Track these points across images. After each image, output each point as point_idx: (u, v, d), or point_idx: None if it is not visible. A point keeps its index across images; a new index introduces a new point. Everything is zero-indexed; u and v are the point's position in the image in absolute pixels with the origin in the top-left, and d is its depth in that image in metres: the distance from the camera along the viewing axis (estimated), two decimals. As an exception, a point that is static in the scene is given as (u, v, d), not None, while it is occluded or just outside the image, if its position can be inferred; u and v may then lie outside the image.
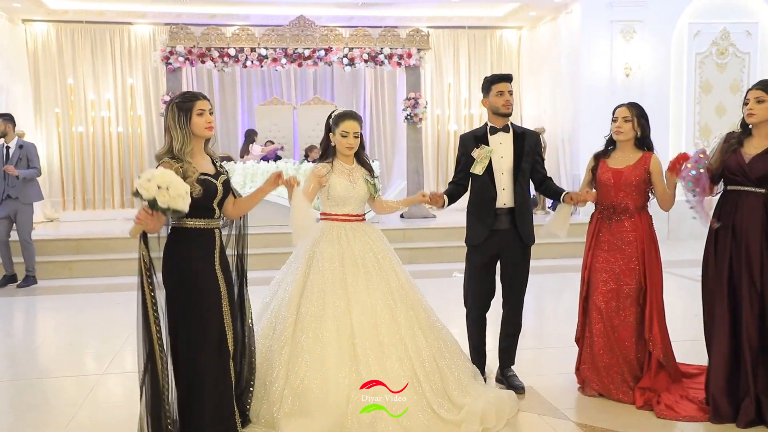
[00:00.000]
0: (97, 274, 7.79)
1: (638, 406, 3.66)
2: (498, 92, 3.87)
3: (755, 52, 10.13)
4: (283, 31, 9.83)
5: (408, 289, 3.60)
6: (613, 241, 3.78)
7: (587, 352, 3.86)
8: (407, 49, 10.08)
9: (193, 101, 3.08)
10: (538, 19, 11.37)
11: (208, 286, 3.07)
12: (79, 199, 11.10)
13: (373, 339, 3.38)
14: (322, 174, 3.60)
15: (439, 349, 3.54)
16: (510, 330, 4.03)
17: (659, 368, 3.73)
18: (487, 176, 3.84)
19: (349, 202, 3.61)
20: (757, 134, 3.46)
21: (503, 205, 3.87)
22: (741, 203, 3.42)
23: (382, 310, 3.45)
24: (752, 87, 3.47)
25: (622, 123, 3.76)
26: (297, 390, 3.28)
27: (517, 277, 3.95)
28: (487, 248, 3.90)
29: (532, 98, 11.85)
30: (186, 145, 3.04)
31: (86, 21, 11.00)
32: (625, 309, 3.74)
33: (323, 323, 3.38)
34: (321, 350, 3.33)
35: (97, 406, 3.92)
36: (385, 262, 3.57)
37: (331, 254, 3.51)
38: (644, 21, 9.89)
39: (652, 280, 3.73)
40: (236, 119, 11.85)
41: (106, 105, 11.12)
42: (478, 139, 3.90)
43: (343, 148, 3.62)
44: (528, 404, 3.78)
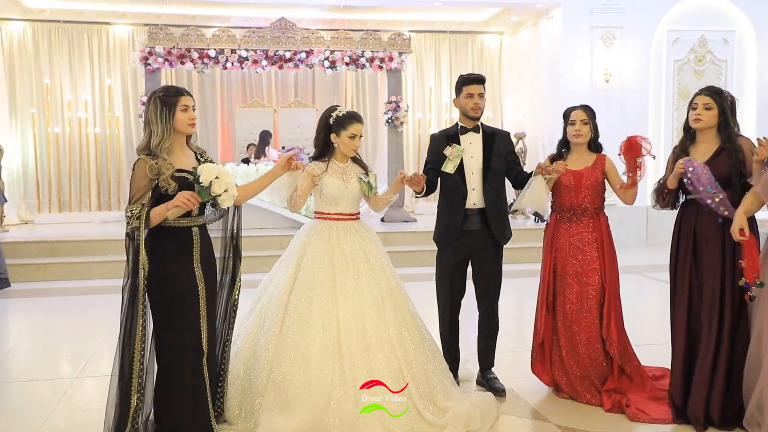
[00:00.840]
0: (71, 277, 7.64)
1: (606, 408, 3.66)
2: (468, 94, 3.88)
3: (732, 60, 10.27)
4: (263, 33, 9.77)
5: (397, 291, 3.58)
6: (573, 242, 3.79)
7: (556, 356, 3.86)
8: (389, 53, 10.07)
9: (178, 96, 3.03)
10: (520, 24, 11.43)
11: (184, 285, 3.02)
12: (55, 201, 10.90)
13: (359, 338, 3.36)
14: (315, 173, 3.58)
15: (423, 352, 3.53)
16: (487, 331, 4.03)
17: (621, 370, 3.74)
18: (458, 175, 3.84)
19: (342, 201, 3.60)
20: (702, 140, 3.49)
21: (473, 206, 3.86)
22: (700, 209, 3.43)
23: (370, 309, 3.43)
24: (700, 92, 3.50)
25: (581, 126, 3.80)
26: (279, 385, 3.27)
27: (490, 277, 3.95)
28: (458, 248, 3.89)
29: (512, 103, 11.90)
30: (165, 141, 2.99)
31: (64, 20, 10.83)
32: (590, 310, 3.75)
33: (310, 320, 3.36)
34: (306, 347, 3.32)
35: (71, 410, 3.85)
36: (375, 263, 3.55)
37: (322, 253, 3.49)
38: (624, 27, 9.98)
39: (611, 281, 3.75)
40: (216, 121, 11.75)
41: (83, 105, 10.95)
42: (449, 138, 3.92)
43: (349, 150, 3.62)
44: (509, 407, 3.76)
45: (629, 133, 3.83)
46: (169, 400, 3.02)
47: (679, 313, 3.51)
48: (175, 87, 3.12)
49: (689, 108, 3.51)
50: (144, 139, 3.04)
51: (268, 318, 3.46)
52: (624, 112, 9.76)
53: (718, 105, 3.43)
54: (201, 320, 3.06)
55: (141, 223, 2.92)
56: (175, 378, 3.01)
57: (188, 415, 3.03)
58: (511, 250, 7.76)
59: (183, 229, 3.04)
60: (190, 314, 3.03)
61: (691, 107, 3.50)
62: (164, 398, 3.03)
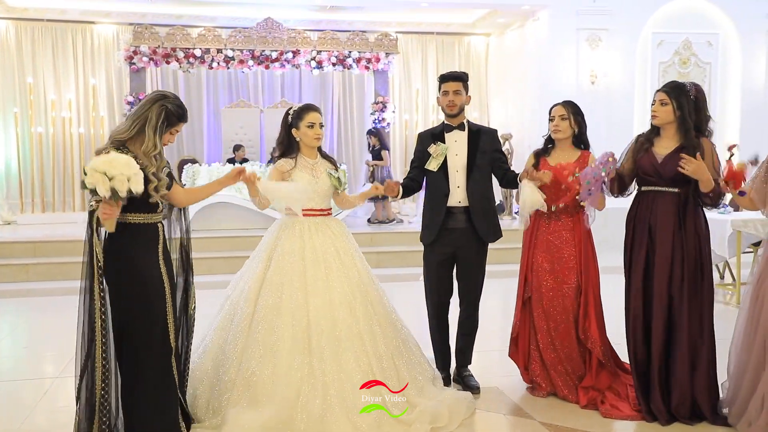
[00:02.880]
0: (54, 278, 7.55)
1: (582, 405, 3.66)
2: (443, 92, 3.90)
3: (716, 63, 10.34)
4: (250, 33, 9.73)
5: (369, 286, 3.57)
6: (551, 240, 3.79)
7: (535, 353, 3.85)
8: (375, 53, 10.06)
9: (179, 117, 3.01)
10: (506, 25, 11.46)
11: (152, 282, 2.99)
12: (38, 201, 10.79)
13: (329, 333, 3.34)
14: (285, 170, 3.57)
15: (397, 348, 3.52)
16: (465, 329, 4.02)
17: (600, 367, 3.73)
18: (441, 173, 3.85)
19: (313, 197, 3.58)
20: (665, 135, 3.50)
21: (457, 203, 3.86)
22: (656, 204, 3.45)
23: (341, 305, 3.41)
24: (662, 88, 3.51)
25: (559, 121, 3.79)
26: (248, 380, 3.25)
27: (472, 275, 3.93)
28: (443, 246, 3.88)
29: (499, 104, 11.93)
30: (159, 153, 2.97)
31: (47, 19, 10.72)
32: (566, 308, 3.74)
33: (279, 315, 3.35)
34: (275, 342, 3.30)
35: (51, 409, 3.79)
36: (346, 258, 3.53)
37: (292, 248, 3.48)
38: (609, 29, 10.03)
39: (589, 278, 3.73)
40: (202, 121, 11.67)
41: (67, 105, 10.85)
42: (435, 136, 3.92)
43: (311, 139, 3.60)
44: (494, 404, 3.76)
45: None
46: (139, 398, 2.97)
47: (635, 309, 3.51)
48: (184, 106, 3.07)
49: (651, 104, 3.53)
50: (127, 131, 2.95)
51: (238, 314, 3.44)
52: (610, 114, 9.80)
53: (673, 100, 3.41)
54: (168, 315, 3.03)
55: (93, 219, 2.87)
56: (145, 376, 2.96)
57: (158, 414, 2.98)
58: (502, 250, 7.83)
59: (149, 225, 3.02)
60: (157, 309, 2.99)
61: (652, 102, 3.52)
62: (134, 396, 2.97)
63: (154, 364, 2.97)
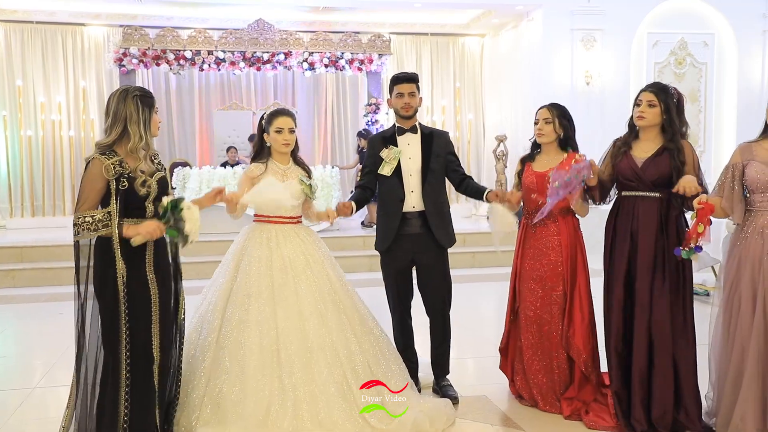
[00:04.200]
0: (41, 284, 7.44)
1: (565, 415, 3.55)
2: (398, 93, 3.79)
3: (711, 63, 10.26)
4: (241, 34, 9.63)
5: (342, 294, 3.45)
6: (538, 246, 3.67)
7: (518, 362, 3.75)
8: (368, 55, 9.96)
9: (154, 98, 2.97)
10: (501, 26, 11.37)
11: (138, 290, 2.89)
12: (28, 205, 10.66)
13: (299, 345, 3.24)
14: (254, 175, 3.48)
15: (374, 356, 3.41)
16: (436, 341, 3.90)
17: (584, 378, 3.61)
18: (395, 178, 3.74)
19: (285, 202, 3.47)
20: (645, 138, 3.39)
21: (412, 208, 3.75)
22: (637, 209, 3.35)
23: (311, 314, 3.30)
24: (645, 88, 3.39)
25: (543, 125, 3.68)
26: (216, 398, 3.14)
27: (434, 282, 3.82)
28: (400, 253, 3.78)
29: (494, 105, 11.83)
30: (148, 145, 2.91)
31: (36, 21, 10.61)
32: (554, 316, 3.62)
33: (246, 329, 3.24)
34: (242, 357, 3.19)
35: (25, 422, 3.67)
36: (317, 266, 3.43)
37: (259, 257, 3.37)
38: (604, 30, 9.95)
39: (576, 285, 3.61)
40: (194, 124, 11.57)
41: (57, 108, 10.73)
42: (386, 140, 3.82)
43: (279, 145, 3.50)
44: (481, 414, 3.66)
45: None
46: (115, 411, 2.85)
47: (615, 316, 3.40)
48: (146, 89, 3.05)
49: (634, 104, 3.40)
50: (111, 136, 2.88)
51: (205, 327, 3.34)
52: (604, 114, 9.71)
53: (662, 102, 3.31)
54: (153, 325, 2.92)
55: (113, 230, 2.81)
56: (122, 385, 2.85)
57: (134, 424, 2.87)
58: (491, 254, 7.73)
59: None
60: (140, 318, 2.89)
61: (636, 104, 3.38)
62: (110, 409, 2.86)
63: (132, 374, 2.86)
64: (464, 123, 11.93)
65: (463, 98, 12.04)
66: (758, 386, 3.07)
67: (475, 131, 11.92)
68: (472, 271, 7.35)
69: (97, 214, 2.80)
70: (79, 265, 2.85)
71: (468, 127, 11.84)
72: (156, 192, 2.94)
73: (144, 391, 2.89)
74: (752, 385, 3.07)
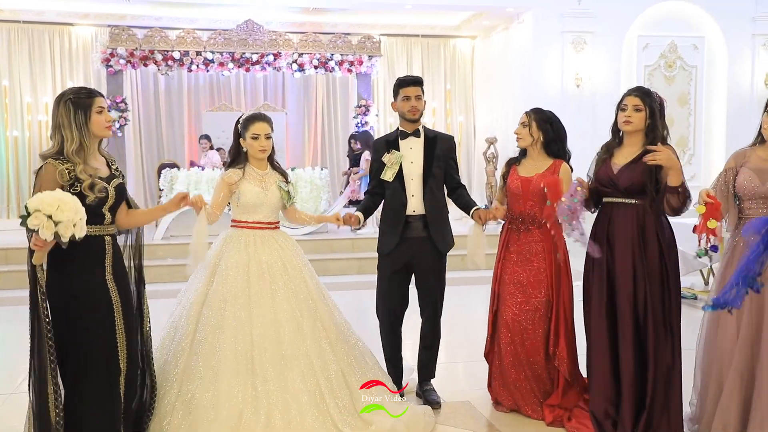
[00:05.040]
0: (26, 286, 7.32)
1: (548, 422, 3.51)
2: (404, 97, 3.76)
3: (701, 66, 10.28)
4: (230, 35, 9.58)
5: (318, 301, 3.42)
6: (521, 252, 3.63)
7: (497, 367, 3.71)
8: (358, 56, 9.92)
9: (92, 98, 2.84)
10: (491, 28, 11.35)
11: (97, 298, 2.82)
12: (14, 206, 10.54)
13: (274, 352, 3.20)
14: (232, 181, 3.43)
15: (349, 365, 3.37)
16: (426, 342, 3.88)
17: (567, 386, 3.57)
18: (397, 182, 3.72)
19: (261, 209, 3.44)
20: (628, 143, 3.32)
21: (413, 212, 3.73)
22: (614, 215, 3.30)
23: (287, 322, 3.26)
24: (629, 92, 3.31)
25: (520, 128, 3.67)
26: (188, 404, 3.10)
27: (431, 286, 3.80)
28: (398, 256, 3.75)
29: (485, 107, 11.81)
30: (85, 147, 2.79)
31: (24, 21, 10.52)
32: (534, 323, 3.57)
33: (221, 334, 3.20)
34: (216, 363, 3.15)
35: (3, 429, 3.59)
36: (294, 273, 3.39)
37: (237, 262, 3.33)
38: (594, 32, 9.95)
39: (560, 293, 3.57)
40: (182, 124, 11.49)
41: (43, 108, 10.62)
42: (389, 144, 3.79)
43: (256, 151, 3.45)
44: (462, 420, 3.62)
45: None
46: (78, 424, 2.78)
47: (595, 323, 3.33)
48: (87, 88, 2.92)
49: (618, 109, 3.31)
50: (54, 146, 2.81)
51: (179, 332, 3.29)
52: (595, 117, 9.69)
53: (647, 107, 3.24)
54: (117, 334, 2.85)
55: None
56: (88, 397, 2.78)
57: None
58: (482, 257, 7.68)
59: (94, 237, 2.83)
60: (102, 327, 2.82)
61: (620, 108, 3.29)
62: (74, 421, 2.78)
63: (94, 388, 2.78)
64: (455, 125, 11.90)
65: (453, 100, 12.01)
66: (740, 394, 3.03)
67: (465, 133, 11.90)
68: (462, 274, 7.32)
69: None
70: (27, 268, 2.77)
71: (459, 129, 11.81)
72: (114, 198, 2.87)
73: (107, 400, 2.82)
74: (734, 394, 3.04)
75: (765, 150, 3.12)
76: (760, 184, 3.05)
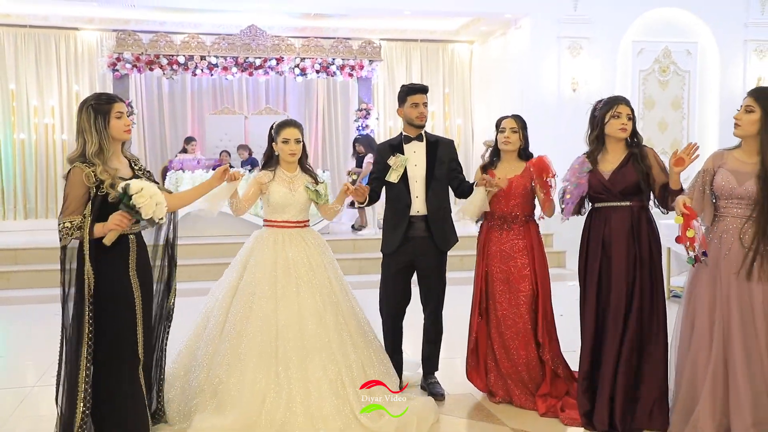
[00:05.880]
0: (35, 285, 7.51)
1: (541, 413, 3.70)
2: (413, 104, 3.94)
3: (695, 71, 10.49)
4: (233, 40, 9.76)
5: (341, 298, 3.64)
6: (505, 250, 3.83)
7: (491, 361, 3.90)
8: (359, 61, 10.11)
9: (111, 103, 3.03)
10: (489, 33, 11.56)
11: (119, 292, 3.02)
12: (21, 208, 10.73)
13: (297, 342, 3.42)
14: (263, 181, 3.68)
15: (368, 358, 3.59)
16: (430, 337, 4.08)
17: (554, 374, 3.79)
18: (402, 184, 3.92)
19: (288, 209, 3.67)
20: (611, 149, 3.54)
21: (417, 213, 3.94)
22: (609, 217, 3.50)
23: (311, 314, 3.49)
24: (622, 101, 3.50)
25: (510, 134, 3.86)
26: (215, 387, 3.35)
27: (433, 283, 4.00)
28: (402, 255, 3.95)
29: (482, 111, 12.01)
30: (105, 150, 2.99)
31: (30, 25, 10.69)
32: (522, 316, 3.78)
33: (248, 323, 3.44)
34: (243, 349, 3.39)
35: (25, 418, 3.79)
36: (318, 270, 3.61)
37: (264, 259, 3.57)
38: (590, 38, 10.15)
39: (543, 287, 3.80)
40: (186, 127, 11.67)
41: (50, 112, 10.81)
42: (393, 148, 3.98)
43: (286, 155, 3.70)
44: (466, 411, 3.81)
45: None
46: (107, 409, 3.01)
47: (588, 321, 3.54)
48: (107, 94, 3.14)
49: (610, 116, 3.47)
50: (78, 149, 3.01)
51: (211, 321, 3.55)
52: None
53: (633, 115, 3.51)
54: (137, 328, 3.07)
55: (85, 234, 2.93)
56: (113, 387, 3.01)
57: (127, 425, 3.03)
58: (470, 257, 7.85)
59: (121, 237, 3.03)
60: (125, 322, 3.03)
61: (614, 116, 3.47)
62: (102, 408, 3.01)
63: (121, 375, 3.01)
64: (453, 128, 12.11)
65: (452, 104, 12.22)
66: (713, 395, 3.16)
67: (463, 136, 12.11)
68: (461, 274, 7.51)
69: (75, 219, 2.93)
70: (64, 268, 2.99)
71: (457, 132, 12.02)
72: None
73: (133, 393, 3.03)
74: (707, 396, 3.17)
75: (741, 152, 3.30)
76: (737, 185, 3.22)
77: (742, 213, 3.21)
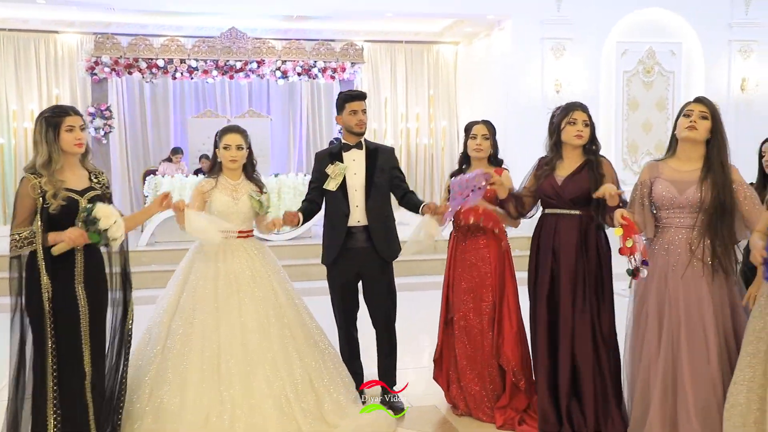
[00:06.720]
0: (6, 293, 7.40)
1: (498, 425, 3.63)
2: (351, 111, 3.86)
3: (679, 71, 10.44)
4: (213, 43, 9.68)
5: (287, 308, 3.54)
6: (470, 258, 3.77)
7: (453, 372, 3.83)
8: (341, 63, 10.04)
9: (62, 116, 3.00)
10: (473, 35, 11.49)
11: (64, 306, 2.94)
12: (0, 213, 10.63)
13: (239, 358, 3.32)
14: (205, 190, 3.57)
15: (317, 370, 3.49)
16: (384, 352, 3.98)
17: (515, 387, 3.70)
18: (340, 193, 3.82)
19: (231, 218, 3.56)
20: (567, 156, 3.48)
21: (357, 223, 3.84)
22: (558, 226, 3.45)
23: (254, 328, 3.39)
24: (578, 107, 3.44)
25: (482, 141, 3.80)
26: (157, 409, 3.24)
27: (379, 294, 3.90)
28: (345, 267, 3.86)
29: (467, 113, 11.94)
30: (54, 162, 2.94)
31: (9, 29, 10.58)
32: (484, 327, 3.71)
33: (189, 341, 3.34)
34: (184, 369, 3.29)
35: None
36: (262, 281, 3.51)
37: (206, 272, 3.46)
38: (573, 39, 10.08)
39: (504, 296, 3.72)
40: (168, 131, 11.59)
41: (29, 116, 10.69)
42: (332, 156, 3.90)
43: (227, 161, 3.60)
44: (427, 425, 3.73)
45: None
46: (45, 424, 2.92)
47: (540, 330, 3.49)
48: (62, 106, 3.10)
49: (565, 123, 3.42)
50: (31, 160, 3.02)
51: (152, 339, 3.45)
52: (574, 123, 9.84)
53: (591, 122, 3.46)
54: (81, 341, 2.99)
55: (38, 247, 2.89)
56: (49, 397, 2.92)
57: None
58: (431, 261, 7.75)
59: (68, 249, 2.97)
60: (67, 333, 2.95)
61: (569, 122, 3.42)
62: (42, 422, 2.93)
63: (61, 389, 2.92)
64: (438, 130, 12.04)
65: (437, 105, 12.15)
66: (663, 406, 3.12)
67: (449, 138, 12.04)
68: (412, 279, 7.46)
69: (24, 231, 2.90)
70: (11, 277, 2.94)
71: (442, 134, 11.96)
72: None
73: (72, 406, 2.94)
74: (657, 409, 3.12)
75: (677, 160, 3.23)
76: (678, 194, 3.14)
77: (685, 222, 3.14)
